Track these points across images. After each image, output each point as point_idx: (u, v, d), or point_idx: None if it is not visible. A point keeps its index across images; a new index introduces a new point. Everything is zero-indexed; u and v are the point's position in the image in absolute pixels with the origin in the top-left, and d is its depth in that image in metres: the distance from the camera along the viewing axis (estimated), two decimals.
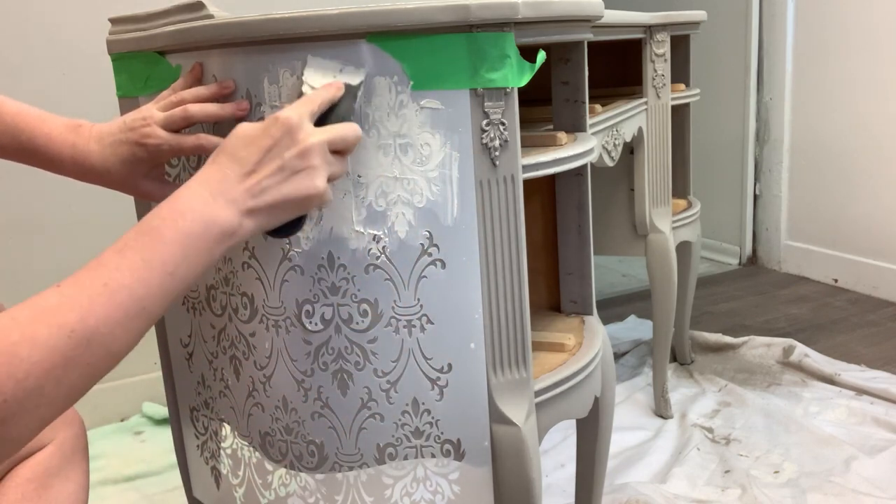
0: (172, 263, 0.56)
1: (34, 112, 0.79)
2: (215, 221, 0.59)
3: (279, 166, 0.62)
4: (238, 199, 0.61)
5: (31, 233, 1.62)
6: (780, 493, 1.33)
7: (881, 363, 1.82)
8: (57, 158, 0.78)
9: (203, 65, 0.82)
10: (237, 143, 0.63)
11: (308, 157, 0.63)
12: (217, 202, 0.60)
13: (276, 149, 0.62)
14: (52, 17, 1.57)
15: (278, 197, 0.62)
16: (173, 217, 0.58)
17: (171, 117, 0.77)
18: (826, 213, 2.44)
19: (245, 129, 0.64)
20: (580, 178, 0.97)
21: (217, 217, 0.59)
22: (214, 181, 0.61)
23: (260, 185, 0.61)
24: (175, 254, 0.56)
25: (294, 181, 0.63)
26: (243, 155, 0.62)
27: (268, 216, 0.63)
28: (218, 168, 0.62)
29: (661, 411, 1.64)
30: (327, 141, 0.65)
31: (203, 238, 0.58)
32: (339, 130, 0.67)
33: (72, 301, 0.51)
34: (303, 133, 0.64)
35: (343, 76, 0.73)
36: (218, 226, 0.59)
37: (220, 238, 0.59)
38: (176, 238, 0.57)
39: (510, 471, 0.80)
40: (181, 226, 0.57)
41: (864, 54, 2.26)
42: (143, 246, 0.55)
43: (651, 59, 1.45)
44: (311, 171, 0.63)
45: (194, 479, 1.07)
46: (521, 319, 0.78)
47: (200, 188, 0.60)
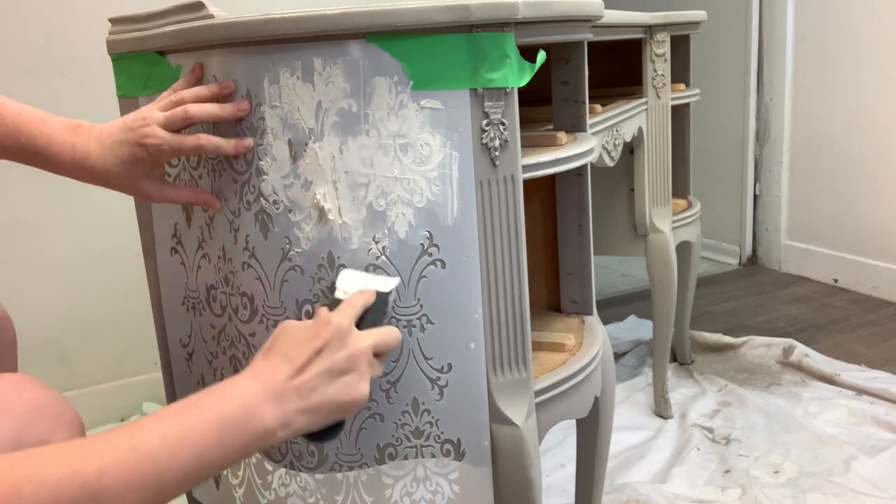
0: (205, 444, 0.55)
1: (34, 113, 0.79)
2: (260, 417, 0.59)
3: (329, 367, 0.63)
4: (286, 397, 0.61)
5: (31, 233, 1.62)
6: (780, 493, 1.33)
7: (881, 363, 1.82)
8: (57, 159, 0.78)
9: (203, 65, 0.82)
10: (289, 342, 0.64)
11: (356, 361, 0.65)
12: (266, 398, 0.60)
13: (327, 350, 0.64)
14: (52, 17, 1.57)
15: (325, 399, 0.63)
16: (220, 401, 0.58)
17: (171, 117, 0.77)
18: (826, 213, 2.44)
19: (296, 329, 0.65)
20: (580, 178, 0.97)
21: (262, 413, 0.59)
22: (265, 375, 0.61)
23: (309, 385, 0.62)
24: (210, 436, 0.55)
25: (341, 383, 0.64)
26: (295, 354, 0.63)
27: (313, 417, 0.63)
28: (270, 364, 0.63)
29: (661, 411, 1.64)
30: (374, 345, 0.67)
31: (243, 429, 0.58)
32: (384, 335, 0.69)
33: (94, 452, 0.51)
34: (352, 337, 0.65)
35: (374, 283, 0.75)
36: (261, 422, 0.59)
37: (261, 435, 0.59)
38: (217, 421, 0.56)
39: (510, 471, 0.80)
40: (226, 410, 0.57)
41: (864, 54, 2.26)
42: (183, 420, 0.55)
43: (651, 59, 1.45)
44: (359, 375, 0.65)
45: None
46: (521, 319, 0.78)
47: (251, 381, 0.61)
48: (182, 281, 0.96)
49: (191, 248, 0.93)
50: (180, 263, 0.95)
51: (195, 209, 0.91)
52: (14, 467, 0.47)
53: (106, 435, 0.52)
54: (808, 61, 2.43)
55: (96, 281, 1.68)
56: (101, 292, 1.69)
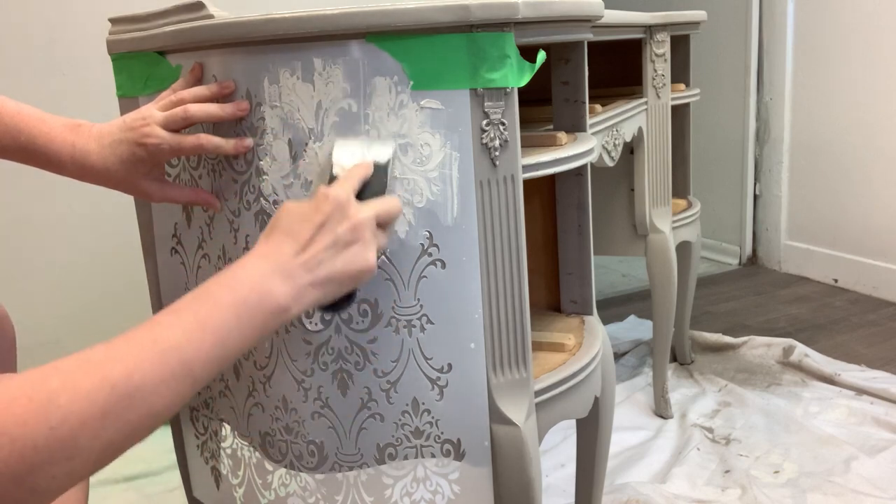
0: (226, 329, 0.56)
1: (34, 112, 0.79)
2: (272, 294, 0.59)
3: (333, 241, 0.63)
4: (295, 273, 0.61)
5: (32, 233, 1.62)
6: (780, 493, 1.33)
7: (881, 363, 1.82)
8: (57, 158, 0.78)
9: (203, 65, 0.82)
10: (290, 218, 0.64)
11: (359, 231, 0.65)
12: (275, 276, 0.60)
13: (329, 224, 0.64)
14: (52, 17, 1.57)
15: (333, 270, 0.63)
16: (231, 285, 0.58)
17: (171, 117, 0.77)
18: (826, 213, 2.44)
19: (295, 206, 0.65)
20: (580, 178, 0.97)
21: (274, 290, 0.60)
22: (272, 255, 0.62)
23: (316, 259, 0.62)
24: (229, 320, 0.56)
25: (347, 254, 0.64)
26: (297, 230, 0.63)
27: (323, 290, 0.63)
28: (274, 243, 0.63)
29: (661, 411, 1.64)
30: (376, 215, 0.67)
31: (258, 309, 0.58)
32: (384, 205, 0.69)
33: (119, 355, 0.51)
34: (353, 208, 0.65)
35: (371, 153, 0.73)
36: (274, 299, 0.60)
37: (276, 312, 0.60)
38: (232, 304, 0.57)
39: (510, 471, 0.80)
40: (239, 294, 0.58)
41: (864, 54, 2.26)
42: (199, 308, 0.56)
43: (651, 59, 1.45)
44: (363, 245, 0.65)
45: (194, 480, 1.07)
46: (521, 319, 0.78)
47: (258, 261, 0.61)
48: (182, 281, 0.96)
49: (191, 248, 0.93)
50: (180, 263, 0.95)
51: (195, 209, 0.91)
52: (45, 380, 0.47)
53: (129, 335, 0.53)
54: (808, 61, 2.43)
55: (96, 281, 1.68)
56: (101, 292, 1.69)
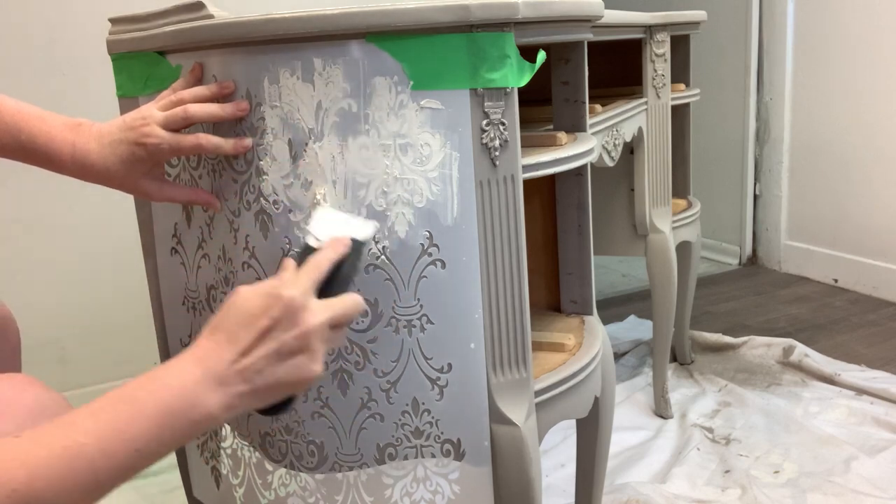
0: (144, 440, 0.52)
1: (34, 111, 0.79)
2: (201, 404, 0.56)
3: (276, 349, 0.59)
4: (229, 381, 0.57)
5: (32, 233, 1.62)
6: (780, 493, 1.33)
7: (881, 363, 1.82)
8: (57, 157, 0.78)
9: (203, 65, 0.82)
10: (237, 319, 0.60)
11: (308, 340, 0.60)
12: (207, 383, 0.56)
13: (275, 331, 0.59)
14: (52, 17, 1.57)
15: (271, 380, 0.59)
16: (158, 391, 0.55)
17: (170, 117, 0.77)
18: (826, 213, 2.44)
19: (244, 305, 0.60)
20: (580, 178, 0.97)
21: (204, 400, 0.56)
22: (208, 360, 0.58)
23: (254, 368, 0.58)
24: (150, 430, 0.53)
25: (290, 364, 0.59)
26: (240, 335, 0.59)
27: (257, 398, 0.59)
28: (212, 346, 0.59)
29: (661, 411, 1.64)
30: (330, 320, 0.62)
31: (184, 419, 0.55)
32: (341, 306, 0.63)
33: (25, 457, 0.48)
34: (306, 314, 0.60)
35: (351, 229, 0.70)
36: (203, 409, 0.56)
37: (201, 422, 0.56)
38: (155, 414, 0.53)
39: (510, 471, 0.80)
40: (164, 402, 0.54)
41: (864, 54, 2.26)
42: (120, 415, 0.52)
43: (651, 59, 1.45)
44: (310, 355, 0.60)
45: (194, 479, 1.07)
46: (521, 319, 0.78)
47: (191, 366, 0.57)
48: (182, 281, 0.96)
49: (191, 248, 0.93)
50: (180, 263, 0.95)
51: (195, 209, 0.91)
52: None
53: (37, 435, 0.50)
54: (808, 61, 2.43)
55: (96, 281, 1.68)
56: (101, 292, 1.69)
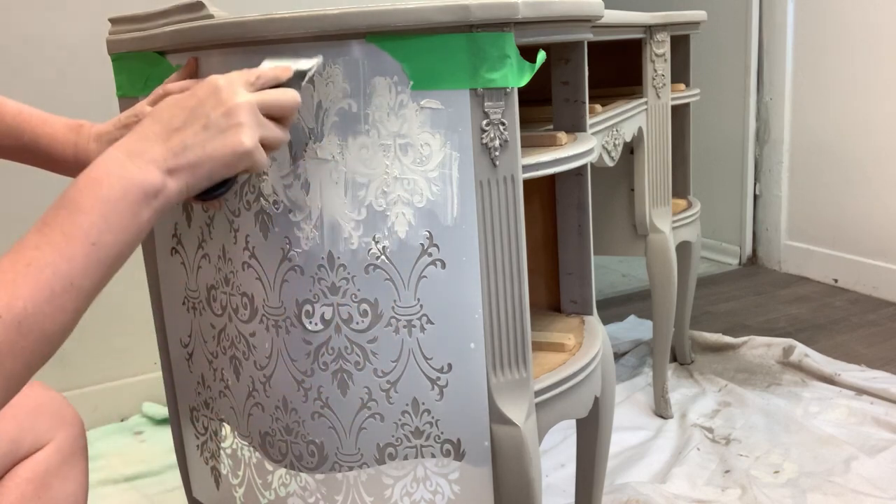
0: (95, 233, 0.53)
1: (35, 113, 0.80)
2: (134, 182, 0.56)
3: (203, 125, 0.60)
4: (158, 158, 0.58)
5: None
6: (780, 493, 1.33)
7: (881, 363, 1.82)
8: (60, 158, 0.79)
9: (198, 60, 0.83)
10: (162, 106, 0.61)
11: (234, 115, 0.60)
12: (134, 163, 0.57)
13: (201, 108, 0.60)
14: (52, 17, 1.57)
15: (202, 154, 0.59)
16: (90, 185, 0.55)
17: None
18: (826, 213, 2.44)
19: (172, 96, 0.63)
20: (580, 178, 0.97)
21: (135, 178, 0.56)
22: (132, 143, 0.58)
23: (183, 143, 0.59)
24: (95, 223, 0.54)
25: (219, 138, 0.60)
26: (166, 116, 0.60)
27: (193, 175, 0.59)
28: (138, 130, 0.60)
29: (661, 411, 1.64)
30: (258, 101, 0.63)
31: (123, 201, 0.55)
32: (273, 94, 0.64)
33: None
34: (230, 93, 0.62)
35: (296, 64, 0.71)
36: (138, 187, 0.56)
37: (143, 199, 0.56)
38: (94, 206, 0.54)
39: (510, 471, 0.80)
40: (99, 193, 0.55)
41: (863, 54, 2.26)
42: (63, 220, 0.54)
43: (651, 59, 1.45)
44: (238, 128, 0.60)
45: (194, 479, 1.07)
46: (521, 319, 0.78)
47: (116, 152, 0.58)
48: (182, 281, 0.96)
49: (191, 248, 0.93)
50: (181, 263, 0.95)
51: (195, 209, 0.91)
52: None
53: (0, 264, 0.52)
54: (807, 62, 2.43)
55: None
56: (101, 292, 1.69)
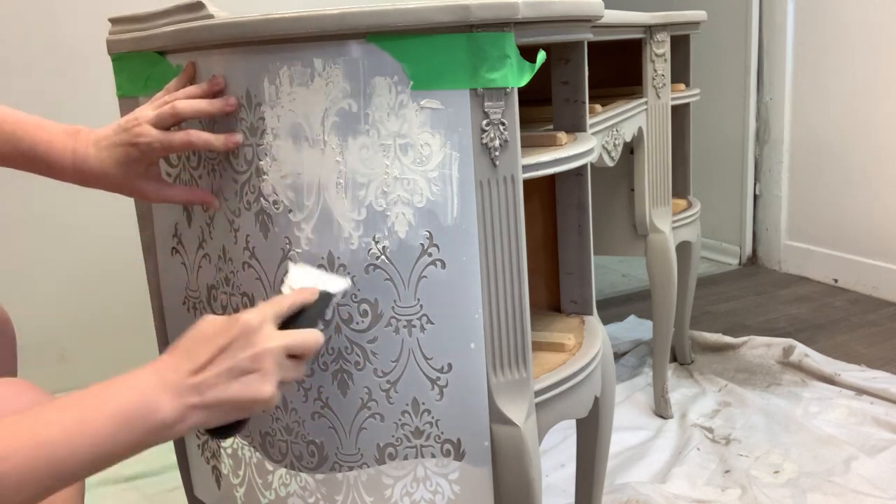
0: (102, 437, 0.56)
1: (32, 119, 0.80)
2: (156, 410, 0.59)
3: (230, 367, 0.62)
4: (184, 392, 0.61)
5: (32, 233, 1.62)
6: (780, 493, 1.33)
7: (881, 363, 1.82)
8: (58, 165, 0.79)
9: (196, 63, 0.82)
10: (196, 338, 0.64)
11: (260, 361, 0.63)
12: (163, 392, 0.60)
13: (231, 349, 0.63)
14: (52, 17, 1.57)
15: (223, 396, 0.62)
16: (119, 393, 0.58)
17: (160, 114, 0.78)
18: (826, 213, 2.44)
19: (208, 325, 0.65)
20: (580, 178, 0.97)
21: (160, 405, 0.59)
22: (166, 371, 0.62)
23: (207, 383, 0.61)
24: (109, 429, 0.56)
25: (242, 383, 0.63)
26: (198, 350, 0.63)
27: (210, 413, 0.62)
28: (172, 359, 0.63)
29: (661, 411, 1.64)
30: (285, 346, 0.65)
31: (140, 421, 0.58)
32: (299, 337, 0.67)
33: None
34: (260, 336, 0.64)
35: (324, 283, 0.74)
36: (158, 415, 0.59)
37: (157, 427, 0.59)
38: (115, 413, 0.57)
39: (510, 471, 0.80)
40: (123, 404, 0.58)
41: (863, 54, 2.26)
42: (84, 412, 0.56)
43: (651, 59, 1.45)
44: (262, 376, 0.63)
45: (195, 479, 1.07)
46: (521, 319, 0.78)
47: (151, 375, 0.61)
48: (183, 281, 0.96)
49: (191, 248, 0.93)
50: (181, 263, 0.95)
51: (195, 209, 0.91)
52: None
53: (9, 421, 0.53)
54: (808, 62, 2.43)
55: (96, 281, 1.68)
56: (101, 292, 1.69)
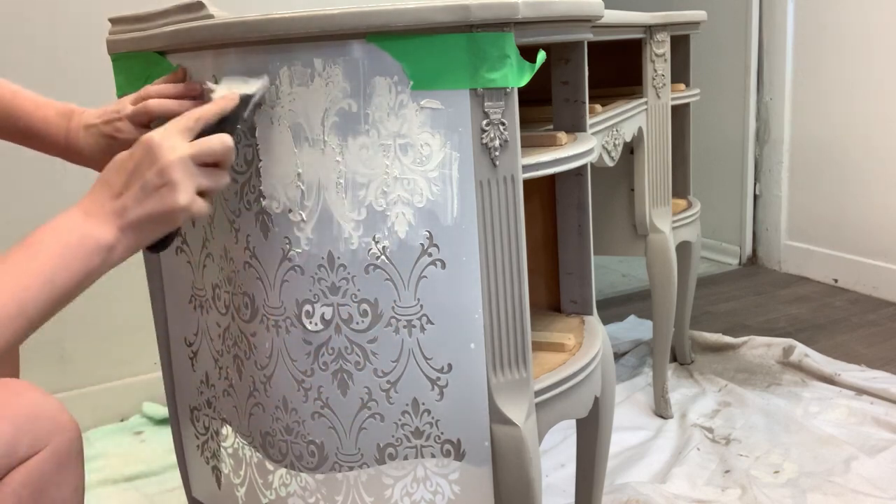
0: (51, 271, 0.61)
1: (30, 96, 0.84)
2: (90, 234, 0.64)
3: (141, 185, 0.66)
4: (111, 217, 0.66)
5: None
6: (780, 493, 1.33)
7: (881, 363, 1.82)
8: (52, 142, 0.84)
9: (187, 70, 0.84)
10: (109, 168, 0.69)
11: (166, 174, 0.66)
12: (90, 219, 0.65)
13: (139, 169, 0.67)
14: (52, 17, 1.57)
15: (142, 213, 0.66)
16: (52, 233, 0.64)
17: (136, 111, 0.82)
18: (826, 213, 2.44)
19: (117, 157, 0.69)
20: (580, 178, 0.97)
21: (91, 231, 0.64)
22: (87, 203, 0.67)
23: (126, 205, 0.66)
24: (54, 262, 0.62)
25: (154, 198, 0.66)
26: (112, 179, 0.67)
27: (138, 232, 0.67)
28: (91, 193, 0.68)
29: (661, 411, 1.64)
30: (190, 155, 0.68)
31: (80, 248, 0.63)
32: (203, 144, 0.69)
33: None
34: (163, 150, 0.67)
35: (246, 86, 0.75)
36: (93, 238, 0.64)
37: (96, 249, 0.64)
38: (54, 249, 0.62)
39: (510, 471, 0.80)
40: (59, 238, 0.63)
41: (863, 54, 2.26)
42: (25, 256, 0.62)
43: (651, 59, 1.45)
44: (171, 187, 0.66)
45: (194, 479, 1.07)
46: (521, 319, 0.78)
47: (76, 210, 0.67)
48: (189, 279, 0.96)
49: (196, 247, 0.93)
50: (187, 262, 0.95)
51: None
52: None
53: None
54: (808, 62, 2.43)
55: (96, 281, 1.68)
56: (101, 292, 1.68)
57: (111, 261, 0.66)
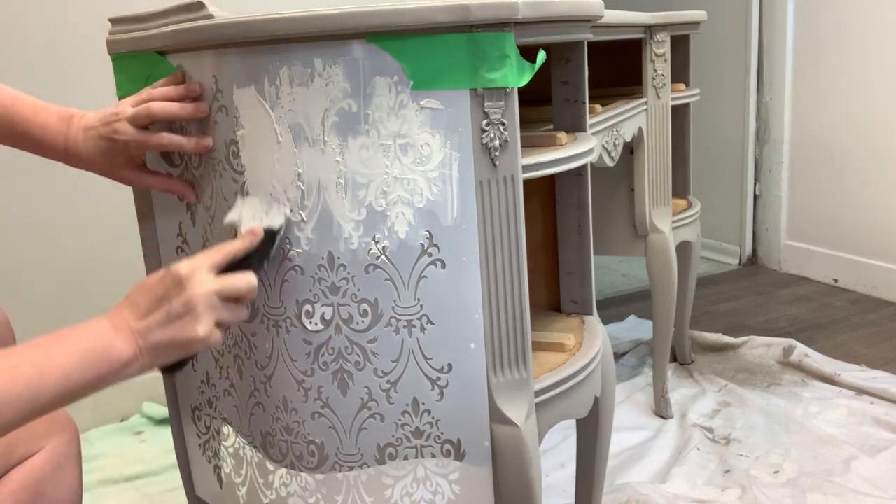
0: (70, 367, 0.64)
1: (29, 101, 0.84)
2: (113, 345, 0.67)
3: (166, 311, 0.70)
4: (133, 336, 0.69)
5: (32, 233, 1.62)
6: (780, 493, 1.33)
7: (881, 363, 1.82)
8: (51, 147, 0.85)
9: (185, 73, 0.84)
10: (139, 289, 0.72)
11: (191, 305, 0.70)
12: (118, 334, 0.68)
13: (166, 297, 0.70)
14: (52, 17, 1.57)
15: (162, 338, 0.69)
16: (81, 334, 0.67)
17: (137, 114, 0.82)
18: (826, 213, 2.44)
19: (147, 280, 0.73)
20: (580, 178, 0.97)
21: (115, 343, 0.68)
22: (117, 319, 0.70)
23: (149, 328, 0.69)
24: (74, 360, 0.64)
25: (176, 326, 0.70)
26: (139, 301, 0.71)
27: (156, 355, 0.70)
28: (119, 308, 0.71)
29: (661, 411, 1.64)
30: (216, 291, 0.71)
31: (100, 355, 0.66)
32: (230, 282, 0.72)
33: None
34: (191, 283, 0.71)
35: (269, 217, 0.79)
36: (115, 350, 0.67)
37: (115, 361, 0.67)
38: (78, 349, 0.65)
39: (510, 471, 0.80)
40: (86, 340, 0.67)
41: (863, 54, 2.26)
42: (50, 347, 0.64)
43: (651, 59, 1.45)
44: (194, 318, 0.70)
45: (196, 478, 1.07)
46: (521, 319, 0.78)
47: (105, 322, 0.70)
48: None
49: (196, 247, 0.93)
50: None
51: (197, 208, 0.91)
52: None
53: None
54: (807, 62, 2.43)
55: (96, 281, 1.68)
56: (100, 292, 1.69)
57: (124, 375, 0.69)
